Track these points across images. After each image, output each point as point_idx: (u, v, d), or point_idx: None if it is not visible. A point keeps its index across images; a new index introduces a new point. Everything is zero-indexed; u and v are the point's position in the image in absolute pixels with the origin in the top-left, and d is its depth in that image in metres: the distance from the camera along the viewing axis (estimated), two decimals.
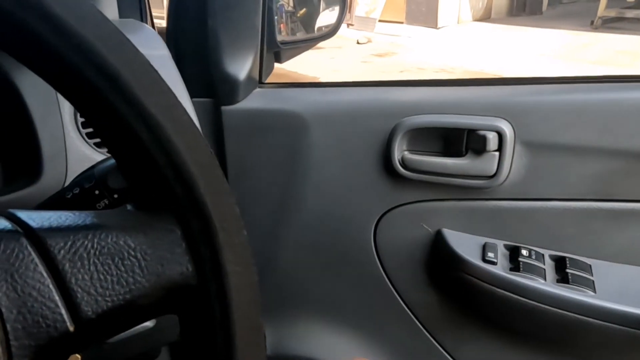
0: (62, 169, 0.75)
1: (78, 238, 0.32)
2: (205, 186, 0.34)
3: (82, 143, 0.77)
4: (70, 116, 0.77)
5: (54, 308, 0.30)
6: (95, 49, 0.31)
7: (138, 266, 0.33)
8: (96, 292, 0.31)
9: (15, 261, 0.30)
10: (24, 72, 0.74)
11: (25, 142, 0.74)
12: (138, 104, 0.32)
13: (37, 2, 0.29)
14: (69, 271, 0.31)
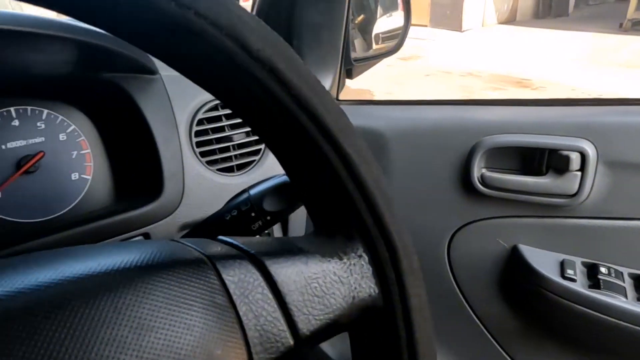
0: (179, 187, 0.81)
1: (292, 262, 0.37)
2: (390, 216, 0.39)
3: (197, 162, 0.83)
4: (186, 137, 0.82)
5: (279, 326, 0.35)
6: (311, 102, 0.35)
7: (338, 289, 0.37)
8: (308, 312, 0.36)
9: (247, 285, 0.35)
10: (148, 97, 0.79)
11: (148, 162, 0.79)
12: (336, 144, 0.37)
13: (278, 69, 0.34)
14: (287, 293, 0.35)
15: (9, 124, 0.80)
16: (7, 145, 0.79)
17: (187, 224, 0.82)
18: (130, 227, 0.77)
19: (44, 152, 0.81)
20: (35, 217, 0.81)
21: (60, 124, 0.84)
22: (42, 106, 0.82)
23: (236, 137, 0.86)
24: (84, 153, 0.86)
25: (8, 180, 0.78)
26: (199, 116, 0.83)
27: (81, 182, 0.85)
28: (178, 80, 0.83)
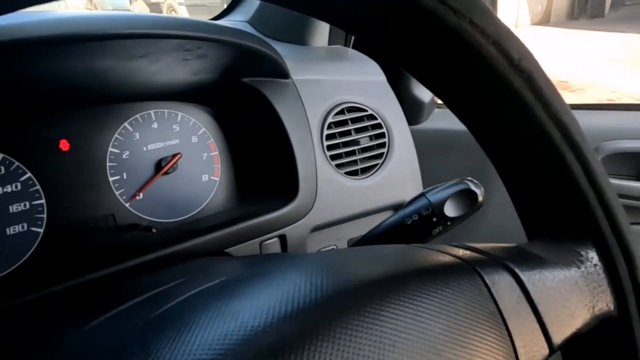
0: (313, 190, 0.82)
1: (539, 270, 0.37)
2: (625, 225, 0.39)
3: (328, 165, 0.83)
4: (318, 140, 0.83)
5: (538, 335, 0.34)
6: (559, 111, 0.36)
7: (580, 298, 0.37)
8: (558, 321, 0.36)
9: (509, 293, 0.35)
10: (283, 101, 0.81)
11: (283, 164, 0.81)
12: (579, 151, 0.37)
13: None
14: (539, 301, 0.35)
15: (150, 127, 0.82)
16: (148, 146, 0.81)
17: (318, 226, 0.83)
18: (269, 228, 0.78)
19: (181, 154, 0.83)
20: (170, 217, 0.83)
21: (192, 126, 0.86)
22: (176, 109, 0.85)
23: (362, 140, 0.87)
24: (212, 155, 0.87)
25: (151, 180, 0.80)
26: (329, 120, 0.84)
27: (210, 183, 0.87)
28: (309, 85, 0.85)
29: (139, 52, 0.56)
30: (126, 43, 0.52)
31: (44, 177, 0.73)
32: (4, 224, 0.69)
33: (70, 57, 0.53)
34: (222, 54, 0.69)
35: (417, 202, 0.58)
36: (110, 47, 0.53)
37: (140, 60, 0.60)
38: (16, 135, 0.71)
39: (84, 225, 0.75)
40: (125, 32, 0.49)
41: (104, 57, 0.56)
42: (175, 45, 0.57)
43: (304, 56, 0.93)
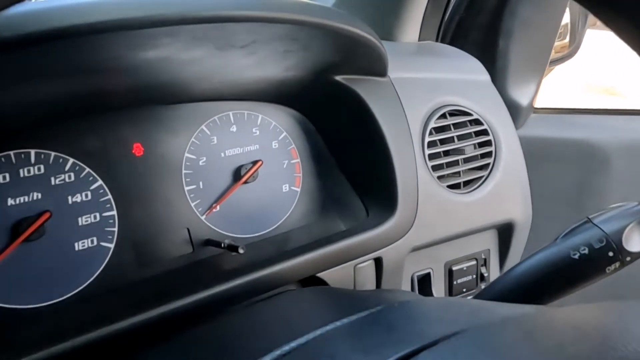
0: (414, 205, 0.70)
1: None
2: None
3: (429, 177, 0.72)
4: (419, 148, 0.72)
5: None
6: None
7: None
8: None
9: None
10: (379, 102, 0.70)
11: (382, 175, 0.70)
12: None
13: None
14: None
15: (228, 130, 0.73)
16: (226, 152, 0.72)
17: (417, 247, 0.72)
18: (365, 250, 0.68)
19: (262, 161, 0.73)
20: (248, 231, 0.73)
21: (273, 130, 0.76)
22: (257, 110, 0.75)
23: (466, 149, 0.75)
24: (294, 162, 0.77)
25: (230, 190, 0.71)
26: (431, 124, 0.73)
27: (291, 194, 0.77)
28: (407, 84, 0.74)
29: (243, 40, 0.46)
30: (231, 29, 0.43)
31: (116, 186, 0.64)
32: (73, 238, 0.61)
33: (152, 46, 0.44)
34: (328, 46, 0.58)
35: (585, 230, 0.46)
36: (210, 34, 0.43)
37: (238, 51, 0.50)
38: (86, 138, 0.63)
39: (156, 240, 0.66)
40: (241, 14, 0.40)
41: (199, 45, 0.46)
42: (284, 33, 0.47)
43: (397, 52, 0.82)
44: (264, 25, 0.43)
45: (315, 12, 0.47)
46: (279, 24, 0.44)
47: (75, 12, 0.35)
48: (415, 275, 0.76)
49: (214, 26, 0.40)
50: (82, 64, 0.48)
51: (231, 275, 0.59)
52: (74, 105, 0.60)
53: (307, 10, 0.46)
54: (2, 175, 0.58)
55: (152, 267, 0.65)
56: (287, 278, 0.62)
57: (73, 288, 0.61)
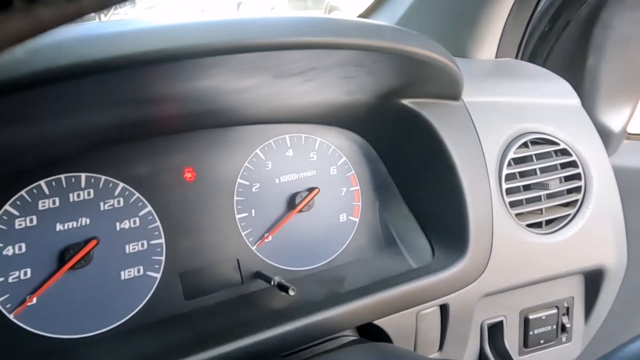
0: (487, 246, 0.62)
1: None
2: None
3: (506, 214, 0.64)
4: (495, 181, 0.64)
5: None
6: None
7: None
8: None
9: None
10: (451, 128, 0.62)
11: (452, 210, 0.62)
12: None
13: None
14: None
15: (284, 154, 0.68)
16: (281, 178, 0.67)
17: (489, 294, 0.64)
18: (430, 295, 0.60)
19: (319, 189, 0.68)
20: (300, 264, 0.68)
21: (331, 155, 0.70)
22: (315, 134, 0.70)
23: (551, 183, 0.66)
24: (352, 190, 0.71)
25: (283, 220, 0.66)
26: (510, 155, 0.65)
27: (348, 225, 0.71)
28: (483, 108, 0.66)
29: (301, 67, 0.41)
30: (289, 56, 0.38)
31: (165, 213, 0.61)
32: (120, 266, 0.59)
33: (201, 77, 0.39)
34: (395, 70, 0.52)
35: None
36: (263, 63, 0.39)
37: (294, 79, 0.45)
38: (137, 163, 0.60)
39: (204, 271, 0.62)
40: (300, 40, 0.34)
41: (253, 75, 0.42)
42: (347, 59, 0.42)
43: (472, 72, 0.74)
44: (324, 52, 0.38)
45: (384, 34, 0.41)
46: (343, 50, 0.38)
47: (114, 42, 0.31)
48: (485, 323, 0.68)
49: (268, 54, 0.35)
50: (128, 94, 0.45)
51: (281, 318, 0.54)
52: (126, 131, 0.57)
53: (375, 33, 0.40)
54: (52, 200, 0.56)
55: (198, 300, 0.61)
56: (342, 324, 0.56)
57: (116, 320, 0.58)
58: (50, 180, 0.56)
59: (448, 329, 0.62)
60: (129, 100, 0.44)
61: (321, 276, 0.67)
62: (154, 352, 0.52)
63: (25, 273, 0.54)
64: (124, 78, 0.38)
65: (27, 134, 0.45)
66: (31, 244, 0.55)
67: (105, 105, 0.44)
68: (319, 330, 0.54)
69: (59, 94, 0.37)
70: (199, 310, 0.61)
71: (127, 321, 0.58)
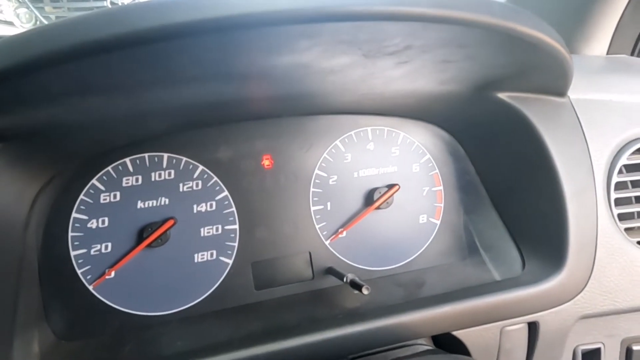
0: (589, 261, 0.55)
1: None
2: None
3: (614, 227, 0.56)
4: (603, 190, 0.56)
5: None
6: None
7: None
8: None
9: None
10: (553, 127, 0.56)
11: (549, 218, 0.56)
12: None
13: None
14: None
15: (364, 147, 0.65)
16: (360, 172, 0.64)
17: (587, 316, 0.56)
18: (517, 310, 0.54)
19: (399, 186, 0.64)
20: (375, 264, 0.64)
21: (415, 151, 0.66)
22: (398, 127, 0.66)
23: None
24: (435, 190, 0.67)
25: (360, 216, 0.63)
26: (622, 161, 0.57)
27: (428, 227, 0.66)
28: (592, 107, 0.58)
29: (397, 45, 0.37)
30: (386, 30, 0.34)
31: (241, 198, 0.60)
32: (194, 249, 0.59)
33: (289, 51, 0.37)
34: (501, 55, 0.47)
35: None
36: (358, 37, 0.36)
37: (388, 60, 0.42)
38: (217, 147, 0.60)
39: (276, 262, 0.61)
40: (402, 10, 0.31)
41: (344, 51, 0.39)
42: (449, 37, 0.38)
43: (582, 67, 0.66)
44: (426, 27, 0.34)
45: (494, 10, 0.36)
46: (446, 24, 0.34)
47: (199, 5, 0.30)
48: (579, 349, 0.60)
49: (363, 25, 0.32)
50: (216, 67, 0.44)
51: (352, 318, 0.51)
52: (209, 113, 0.57)
53: (485, 7, 0.36)
54: (136, 178, 0.57)
55: (268, 291, 0.60)
56: (417, 332, 0.52)
57: (188, 302, 0.58)
58: (135, 159, 0.57)
59: (536, 350, 0.56)
60: (216, 75, 0.43)
61: (397, 278, 0.63)
62: (223, 338, 0.51)
63: (107, 247, 0.56)
64: (213, 47, 0.37)
65: (118, 107, 0.45)
66: (113, 219, 0.56)
67: (193, 79, 0.43)
68: (392, 334, 0.50)
69: (148, 62, 0.37)
70: (269, 301, 0.59)
71: (197, 304, 0.58)
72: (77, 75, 0.36)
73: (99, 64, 0.33)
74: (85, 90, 0.40)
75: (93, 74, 0.35)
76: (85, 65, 0.33)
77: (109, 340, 0.54)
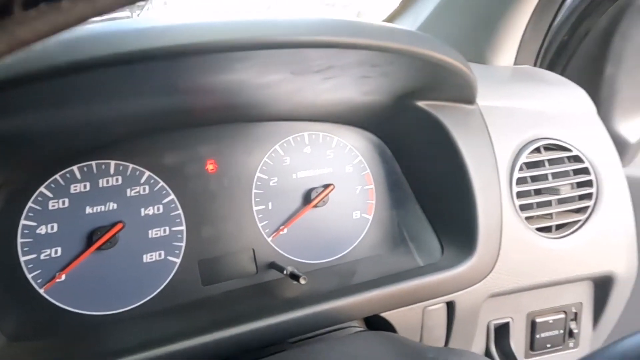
0: (495, 247, 0.64)
1: None
2: None
3: (516, 217, 0.65)
4: (506, 184, 0.65)
5: None
6: None
7: None
8: None
9: None
10: (465, 131, 0.64)
11: (461, 211, 0.64)
12: None
13: None
14: None
15: (301, 151, 0.71)
16: (298, 174, 0.70)
17: (496, 294, 0.65)
18: (437, 292, 0.62)
19: (334, 185, 0.70)
20: (314, 257, 0.70)
21: (348, 153, 0.73)
22: (332, 132, 0.73)
23: (562, 189, 0.67)
24: (367, 189, 0.74)
25: (299, 213, 0.69)
26: (522, 159, 0.66)
27: (361, 222, 0.73)
28: (497, 113, 0.67)
29: (319, 65, 0.44)
30: (309, 54, 0.41)
31: (187, 201, 0.65)
32: (142, 250, 0.62)
33: (227, 71, 0.43)
34: (411, 71, 0.54)
35: None
36: (284, 59, 0.41)
37: (314, 76, 0.48)
38: (163, 153, 0.64)
39: (221, 259, 0.65)
40: (318, 39, 0.37)
41: (274, 71, 0.44)
42: (363, 59, 0.44)
43: (489, 77, 0.75)
44: (341, 51, 0.40)
45: (399, 36, 0.43)
46: (358, 50, 0.40)
47: (144, 35, 0.34)
48: (492, 324, 0.69)
49: (289, 52, 0.38)
50: (164, 84, 0.49)
51: (292, 305, 0.56)
52: (155, 121, 0.61)
53: (390, 35, 0.42)
54: (84, 184, 0.60)
55: (214, 286, 0.64)
56: (350, 315, 0.58)
57: (138, 300, 0.61)
58: (83, 166, 0.60)
59: (454, 326, 0.64)
60: (163, 90, 0.47)
61: (333, 270, 0.69)
62: (173, 330, 0.55)
63: (56, 251, 0.58)
64: (161, 68, 0.41)
65: (67, 119, 0.49)
66: (62, 225, 0.59)
67: (142, 94, 0.47)
68: (328, 318, 0.57)
69: (104, 81, 0.41)
70: (216, 296, 0.64)
71: (148, 302, 0.62)
72: (31, 93, 0.39)
73: (55, 84, 0.37)
74: (37, 105, 0.43)
75: (47, 92, 0.39)
76: (38, 86, 0.37)
77: (61, 340, 0.57)
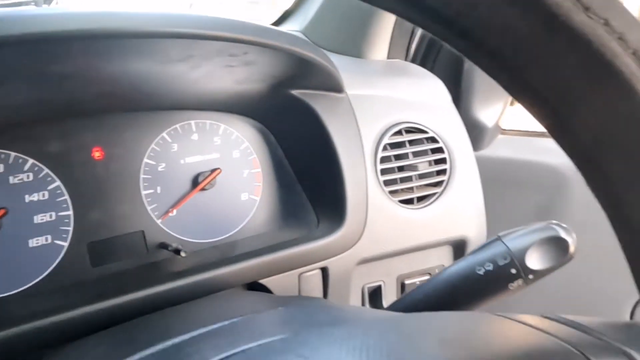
0: (362, 218, 0.73)
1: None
2: None
3: (380, 191, 0.74)
4: (371, 163, 0.74)
5: None
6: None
7: None
8: None
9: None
10: (334, 117, 0.73)
11: (332, 188, 0.72)
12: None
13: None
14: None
15: (189, 138, 0.76)
16: (186, 159, 0.75)
17: (365, 259, 0.74)
18: (310, 259, 0.70)
19: (220, 169, 0.76)
20: (204, 237, 0.76)
21: (235, 140, 0.79)
22: (219, 120, 0.78)
23: (421, 165, 0.78)
24: (254, 172, 0.80)
25: (187, 196, 0.74)
26: (385, 140, 0.75)
27: (250, 203, 0.79)
28: (364, 100, 0.76)
29: (178, 55, 0.49)
30: (164, 44, 0.46)
31: (74, 187, 0.67)
32: (27, 235, 0.64)
33: (101, 57, 0.47)
34: (271, 61, 0.62)
35: (492, 247, 0.47)
36: (145, 48, 0.46)
37: (180, 65, 0.53)
38: (48, 141, 0.66)
39: (111, 241, 0.69)
40: (161, 30, 0.43)
41: (139, 59, 0.49)
42: (219, 48, 0.50)
43: (361, 69, 0.85)
44: (196, 42, 0.46)
45: (248, 30, 0.50)
46: (210, 40, 0.46)
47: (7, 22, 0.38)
48: (366, 287, 0.78)
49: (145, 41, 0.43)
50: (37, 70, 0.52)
51: (175, 276, 0.62)
52: (37, 110, 0.63)
53: (240, 29, 0.49)
54: None
55: (104, 267, 0.68)
56: (229, 282, 0.65)
57: (24, 283, 0.63)
58: None
59: (329, 290, 0.72)
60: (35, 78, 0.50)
61: (219, 247, 0.75)
62: (60, 306, 0.58)
63: None
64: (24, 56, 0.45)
65: None
66: None
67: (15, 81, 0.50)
68: (208, 286, 0.62)
69: None
70: (105, 275, 0.67)
71: (36, 284, 0.64)
72: None
73: None
74: None
75: None
76: None
77: None
